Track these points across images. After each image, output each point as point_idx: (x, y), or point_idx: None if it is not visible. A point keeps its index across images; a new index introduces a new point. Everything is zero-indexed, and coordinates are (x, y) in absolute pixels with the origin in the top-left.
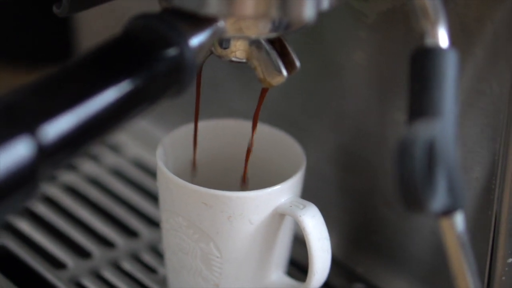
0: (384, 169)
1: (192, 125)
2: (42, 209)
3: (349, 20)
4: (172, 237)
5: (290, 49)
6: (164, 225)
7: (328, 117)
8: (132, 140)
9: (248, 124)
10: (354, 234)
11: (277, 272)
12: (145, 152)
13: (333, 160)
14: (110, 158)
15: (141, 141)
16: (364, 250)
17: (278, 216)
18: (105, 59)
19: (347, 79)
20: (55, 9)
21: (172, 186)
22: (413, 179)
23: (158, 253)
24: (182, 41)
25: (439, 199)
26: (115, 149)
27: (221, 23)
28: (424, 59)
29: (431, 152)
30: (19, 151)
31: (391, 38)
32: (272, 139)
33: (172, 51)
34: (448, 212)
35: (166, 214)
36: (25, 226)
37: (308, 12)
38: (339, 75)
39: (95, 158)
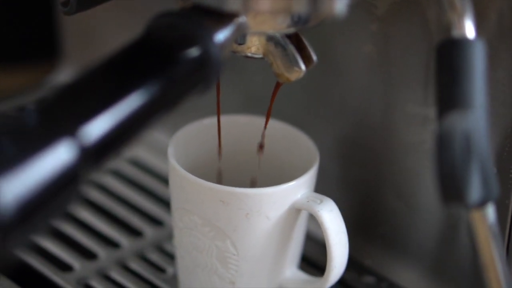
0: (390, 160)
1: (200, 123)
2: None
3: (359, 12)
4: (186, 235)
5: (306, 43)
6: (177, 223)
7: (336, 109)
8: None
9: (260, 120)
10: (361, 226)
11: (291, 267)
12: (141, 151)
13: (338, 153)
14: None
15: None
16: (371, 242)
17: (295, 211)
18: (133, 59)
19: (356, 72)
20: (61, 8)
21: (187, 184)
22: (454, 172)
23: (164, 252)
24: (207, 37)
25: (475, 191)
26: None
27: (243, 18)
28: (452, 51)
29: (466, 144)
30: (61, 155)
31: (402, 30)
32: (283, 134)
33: (197, 48)
34: (481, 203)
35: (179, 212)
36: None
37: (339, 5)
38: (348, 67)
39: None
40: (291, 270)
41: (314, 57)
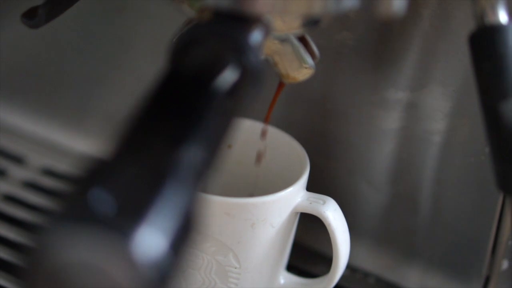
0: (339, 139)
1: None
2: None
3: None
4: None
5: (309, 39)
6: None
7: (306, 99)
8: None
9: (245, 122)
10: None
11: (283, 271)
12: None
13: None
14: None
15: None
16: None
17: (294, 215)
18: (190, 84)
19: (329, 60)
20: (25, 21)
21: None
22: None
23: None
24: (244, 42)
25: None
26: None
27: (267, 19)
28: (492, 38)
29: None
30: (178, 190)
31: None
32: (269, 137)
33: (238, 56)
34: None
35: None
36: None
37: (397, 2)
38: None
39: None
40: (283, 274)
41: (317, 52)
